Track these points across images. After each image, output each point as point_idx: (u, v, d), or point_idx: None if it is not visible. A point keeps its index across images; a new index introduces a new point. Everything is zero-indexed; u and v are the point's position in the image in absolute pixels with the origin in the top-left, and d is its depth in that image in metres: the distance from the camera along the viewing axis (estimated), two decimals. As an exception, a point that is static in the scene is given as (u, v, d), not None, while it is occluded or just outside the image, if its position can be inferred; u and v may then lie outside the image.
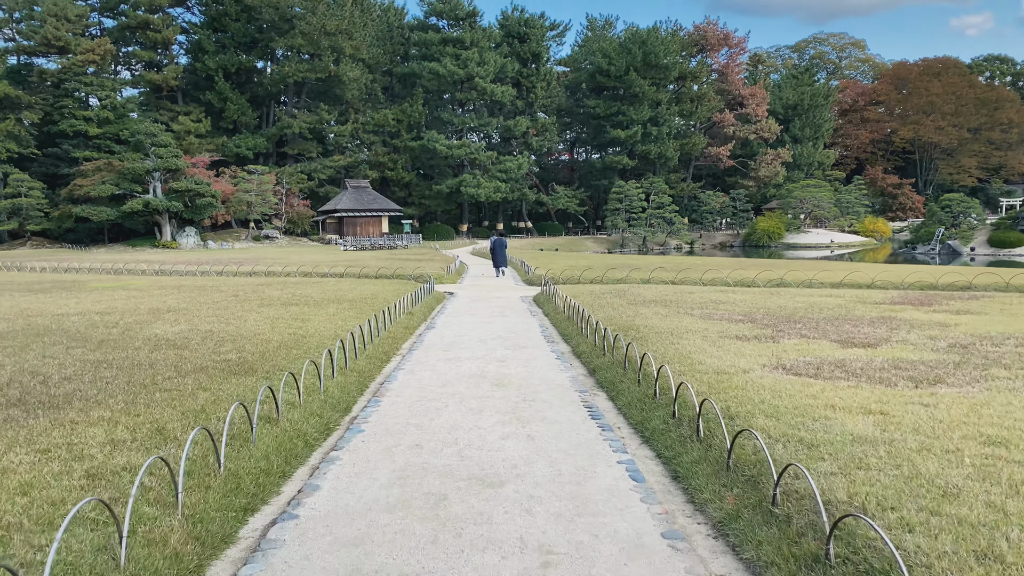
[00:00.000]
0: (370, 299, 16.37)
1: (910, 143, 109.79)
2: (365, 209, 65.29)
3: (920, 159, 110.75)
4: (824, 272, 24.89)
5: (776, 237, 74.32)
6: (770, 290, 19.10)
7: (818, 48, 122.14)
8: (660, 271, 25.42)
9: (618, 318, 12.95)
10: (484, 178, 70.39)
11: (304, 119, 67.07)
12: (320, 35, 64.46)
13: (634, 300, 15.64)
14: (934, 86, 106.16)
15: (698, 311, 13.71)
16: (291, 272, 26.46)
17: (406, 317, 14.27)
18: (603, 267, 29.12)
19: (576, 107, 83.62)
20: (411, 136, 72.45)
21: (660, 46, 75.18)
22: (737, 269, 27.26)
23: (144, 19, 64.36)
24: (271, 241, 60.24)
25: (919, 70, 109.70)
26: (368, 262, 32.76)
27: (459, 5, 71.65)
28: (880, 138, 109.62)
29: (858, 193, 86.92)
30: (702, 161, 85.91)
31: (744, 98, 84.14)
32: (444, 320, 14.60)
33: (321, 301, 15.82)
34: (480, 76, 69.19)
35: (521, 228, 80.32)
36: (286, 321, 12.65)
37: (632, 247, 73.64)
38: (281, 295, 17.10)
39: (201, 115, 65.67)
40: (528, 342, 11.88)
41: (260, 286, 20.23)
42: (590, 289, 18.89)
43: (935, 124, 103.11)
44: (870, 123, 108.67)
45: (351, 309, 14.39)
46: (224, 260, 35.37)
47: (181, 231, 55.19)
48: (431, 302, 17.52)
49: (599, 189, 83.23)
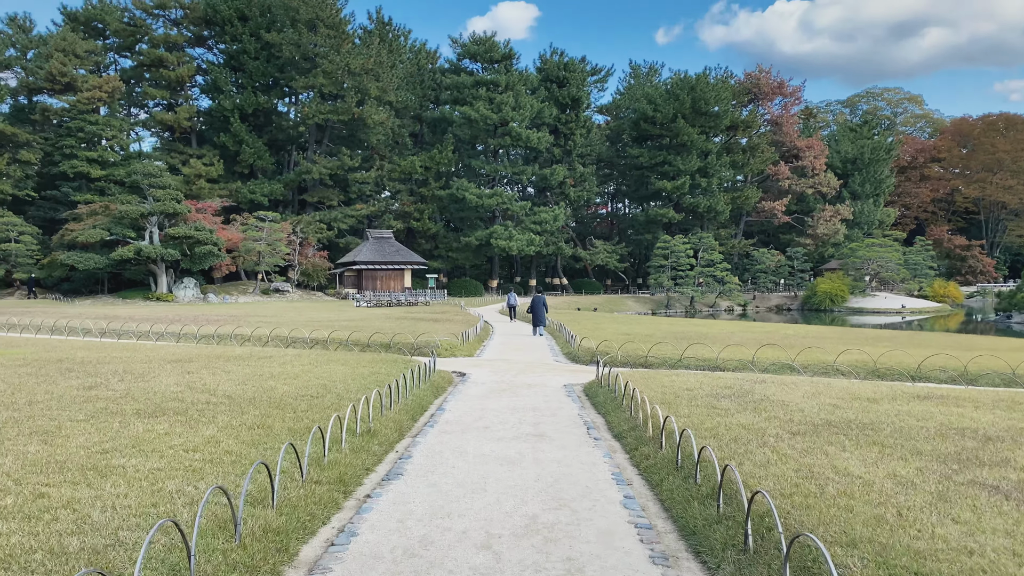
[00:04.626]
0: (314, 399, 9.76)
1: (974, 203, 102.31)
2: (386, 262, 59.48)
3: (986, 220, 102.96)
4: (986, 353, 17.89)
5: (839, 300, 67.00)
6: (1003, 394, 12.20)
7: (872, 103, 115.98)
8: (756, 347, 18.63)
9: (794, 481, 6.21)
10: (517, 230, 64.39)
11: (325, 164, 62.00)
12: (344, 74, 59.78)
13: (784, 420, 8.64)
14: (1000, 143, 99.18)
15: (944, 464, 6.92)
16: (258, 337, 20.18)
17: (361, 440, 7.73)
18: (666, 336, 22.45)
19: (617, 157, 77.91)
20: (439, 184, 67.02)
21: (710, 92, 69.49)
22: (858, 343, 20.33)
23: (158, 56, 60.38)
24: (281, 295, 54.51)
25: (982, 126, 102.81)
26: (373, 323, 26.44)
27: (494, 47, 66.87)
28: (941, 197, 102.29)
29: (925, 255, 79.48)
30: (754, 217, 79.28)
31: (800, 150, 77.76)
32: (430, 448, 7.97)
33: (216, 406, 9.09)
34: (515, 121, 63.84)
35: (556, 285, 73.92)
36: (74, 472, 6.19)
37: (678, 308, 66.74)
38: (165, 390, 10.24)
39: (214, 158, 60.93)
40: (605, 545, 5.29)
41: (170, 363, 13.79)
42: (676, 381, 12.07)
43: (1002, 183, 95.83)
44: (930, 181, 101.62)
45: (256, 432, 7.74)
46: (202, 317, 29.34)
47: (179, 282, 49.65)
48: (423, 397, 10.95)
49: (641, 244, 76.87)
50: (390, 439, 8.27)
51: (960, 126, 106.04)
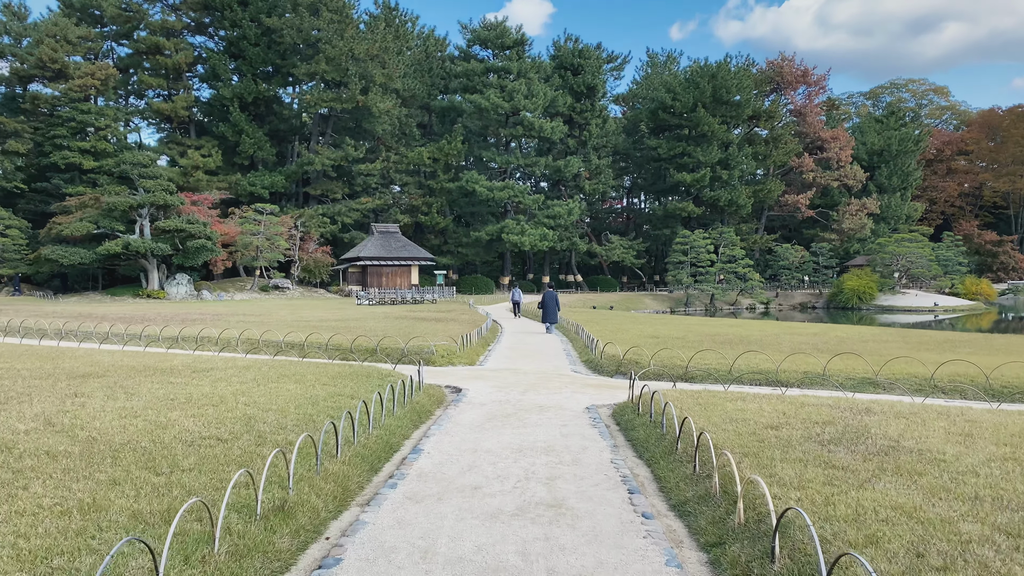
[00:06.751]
0: (217, 446, 6.25)
1: (1003, 197, 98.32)
2: (392, 257, 56.64)
3: (1015, 214, 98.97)
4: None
5: (868, 298, 63.59)
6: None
7: (896, 94, 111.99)
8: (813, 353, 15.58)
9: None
10: (529, 224, 61.35)
11: (328, 155, 59.17)
12: (347, 60, 56.92)
13: (964, 497, 5.40)
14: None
15: None
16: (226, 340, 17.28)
17: (245, 541, 4.72)
18: (700, 340, 19.45)
19: (634, 149, 74.65)
20: (448, 177, 64.04)
21: (732, 80, 66.13)
22: (929, 348, 17.21)
23: (155, 43, 57.75)
24: (281, 292, 51.79)
25: (1012, 118, 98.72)
26: (368, 323, 23.58)
27: (505, 32, 63.79)
28: (968, 191, 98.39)
29: (955, 251, 75.87)
30: (776, 211, 75.85)
31: (825, 141, 74.24)
32: (376, 542, 4.90)
33: (55, 459, 5.96)
34: (528, 109, 60.76)
35: (570, 282, 70.82)
36: None
37: (698, 306, 63.53)
38: (5, 426, 7.24)
39: (213, 149, 58.24)
40: None
41: (66, 380, 10.75)
42: (744, 410, 8.78)
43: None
44: (958, 174, 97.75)
45: (65, 522, 4.54)
46: (184, 316, 26.59)
47: (171, 278, 46.97)
48: (396, 430, 7.96)
49: (659, 240, 73.65)
50: (313, 522, 5.22)
51: (988, 118, 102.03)
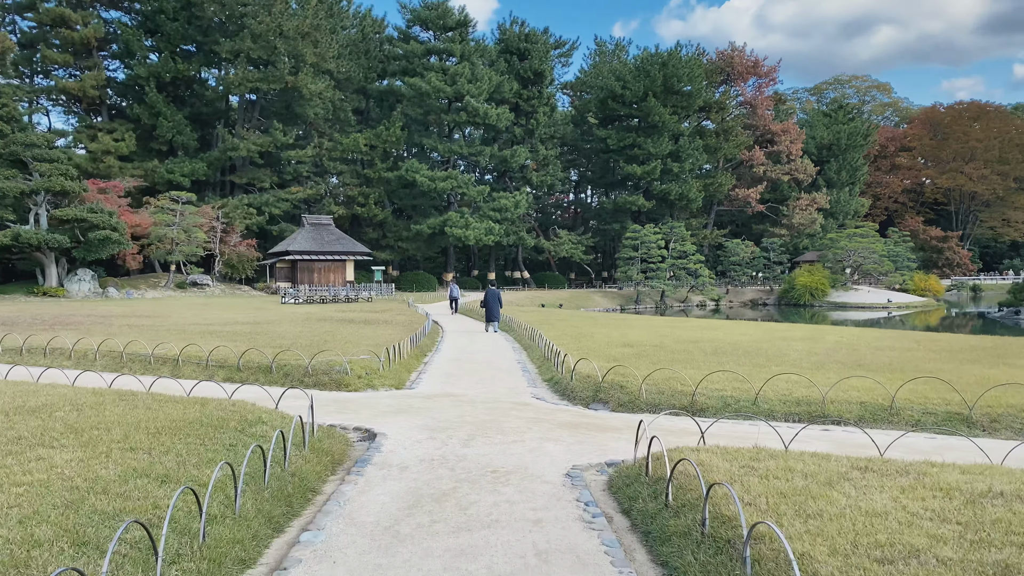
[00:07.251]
0: None
1: (944, 193, 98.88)
2: (325, 252, 52.46)
3: (956, 211, 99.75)
4: None
5: (820, 295, 62.02)
6: None
7: (840, 90, 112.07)
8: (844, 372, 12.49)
9: None
10: (474, 218, 57.78)
11: (254, 141, 54.53)
12: (276, 38, 52.39)
13: None
14: (973, 131, 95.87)
15: None
16: (82, 352, 13.36)
17: None
18: (679, 346, 16.30)
19: (582, 140, 71.74)
20: (387, 166, 59.97)
21: (683, 69, 63.69)
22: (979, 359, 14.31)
23: (61, 14, 52.22)
24: (200, 289, 47.12)
25: (954, 114, 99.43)
26: (281, 327, 19.75)
27: (447, 12, 60.01)
28: (911, 187, 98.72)
29: (904, 247, 75.25)
30: (726, 205, 73.98)
31: (775, 135, 72.61)
32: None
33: None
34: (472, 95, 57.12)
35: (516, 279, 67.55)
36: None
37: (648, 303, 61.03)
38: None
39: (126, 133, 53.07)
40: None
41: None
42: (846, 502, 5.66)
43: (977, 172, 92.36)
44: (901, 170, 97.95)
45: None
46: (64, 318, 22.26)
47: (73, 274, 41.93)
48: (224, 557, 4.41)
49: (608, 235, 70.95)
50: None
51: (930, 115, 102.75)
